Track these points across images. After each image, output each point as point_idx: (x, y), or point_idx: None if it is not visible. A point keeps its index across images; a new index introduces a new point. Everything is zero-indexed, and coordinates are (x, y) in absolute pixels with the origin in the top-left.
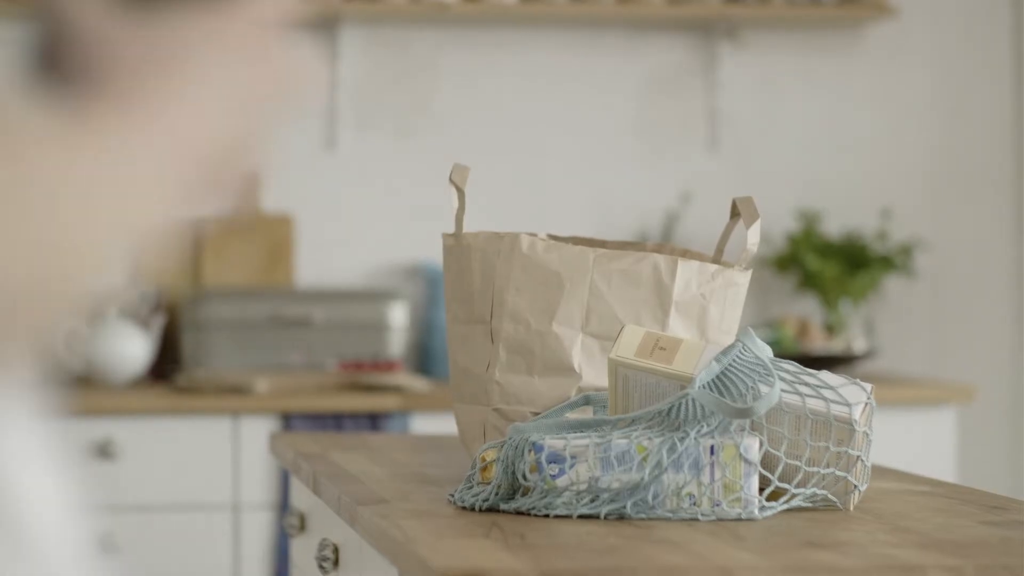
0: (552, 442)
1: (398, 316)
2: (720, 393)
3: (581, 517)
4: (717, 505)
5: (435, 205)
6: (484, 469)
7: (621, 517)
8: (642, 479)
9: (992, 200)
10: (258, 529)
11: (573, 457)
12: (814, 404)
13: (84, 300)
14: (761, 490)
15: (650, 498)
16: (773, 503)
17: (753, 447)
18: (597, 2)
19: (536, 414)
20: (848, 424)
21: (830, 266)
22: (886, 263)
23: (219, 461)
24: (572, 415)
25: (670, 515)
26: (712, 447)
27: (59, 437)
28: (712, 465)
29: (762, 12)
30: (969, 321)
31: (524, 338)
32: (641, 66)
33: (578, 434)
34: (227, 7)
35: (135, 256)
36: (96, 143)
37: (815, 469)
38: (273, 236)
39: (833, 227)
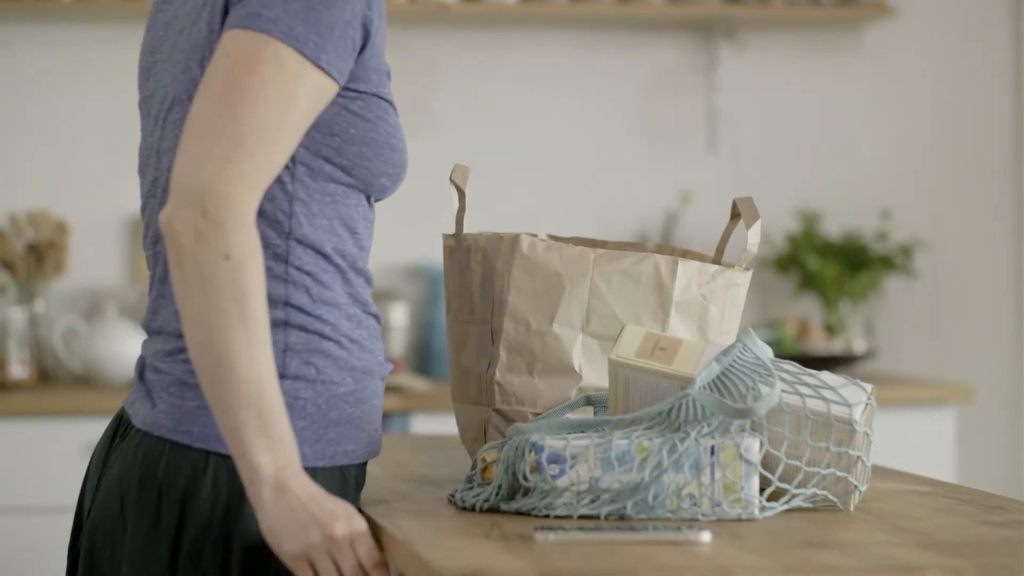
0: (552, 442)
1: (398, 316)
2: (720, 394)
3: (582, 517)
4: (717, 505)
5: (435, 205)
6: (485, 469)
7: (622, 517)
8: (642, 479)
9: (992, 200)
10: None
11: (573, 457)
12: (814, 404)
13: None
14: (761, 490)
15: (650, 498)
16: (773, 503)
17: (753, 447)
18: (597, 2)
19: (537, 414)
20: (848, 424)
21: (830, 266)
22: (886, 263)
23: None
24: (572, 415)
25: (670, 515)
26: (712, 447)
27: (57, 437)
28: (712, 465)
29: (762, 12)
30: (969, 321)
31: (524, 338)
32: (641, 66)
33: (578, 434)
34: None
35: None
36: None
37: (815, 469)
38: None
39: (833, 227)
